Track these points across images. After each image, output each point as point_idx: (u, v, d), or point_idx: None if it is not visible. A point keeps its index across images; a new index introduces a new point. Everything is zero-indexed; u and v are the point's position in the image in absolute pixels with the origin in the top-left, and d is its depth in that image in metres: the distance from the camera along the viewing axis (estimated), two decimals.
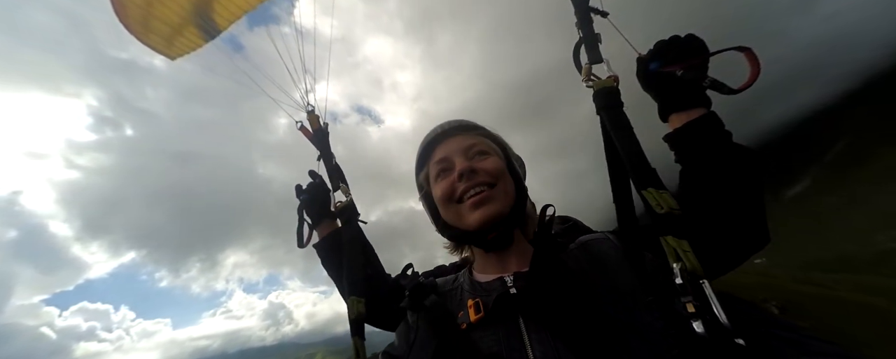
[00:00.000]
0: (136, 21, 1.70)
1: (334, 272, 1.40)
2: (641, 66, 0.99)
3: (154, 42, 1.78)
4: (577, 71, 1.03)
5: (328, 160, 1.50)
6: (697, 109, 0.91)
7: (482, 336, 0.84)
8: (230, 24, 1.85)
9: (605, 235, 0.99)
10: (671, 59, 0.93)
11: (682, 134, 0.92)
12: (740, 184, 0.85)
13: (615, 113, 0.93)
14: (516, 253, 1.00)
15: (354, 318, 1.13)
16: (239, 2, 1.79)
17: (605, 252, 0.93)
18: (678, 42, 0.94)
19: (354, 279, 1.22)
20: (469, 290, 0.99)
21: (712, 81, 0.89)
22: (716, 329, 0.65)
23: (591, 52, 1.01)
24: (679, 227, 0.77)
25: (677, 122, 0.93)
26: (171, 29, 1.76)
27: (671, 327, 0.72)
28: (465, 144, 1.06)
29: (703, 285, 0.69)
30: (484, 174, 0.99)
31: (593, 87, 0.98)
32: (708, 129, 0.89)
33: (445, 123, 1.15)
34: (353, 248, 1.30)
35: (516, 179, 1.05)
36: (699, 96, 0.92)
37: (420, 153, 1.16)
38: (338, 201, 1.44)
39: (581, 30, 1.03)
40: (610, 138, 0.93)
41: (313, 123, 1.58)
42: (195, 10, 1.74)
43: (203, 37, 1.82)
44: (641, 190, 0.83)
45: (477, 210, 0.97)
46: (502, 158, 1.07)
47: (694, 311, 0.67)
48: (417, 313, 0.98)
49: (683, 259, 0.73)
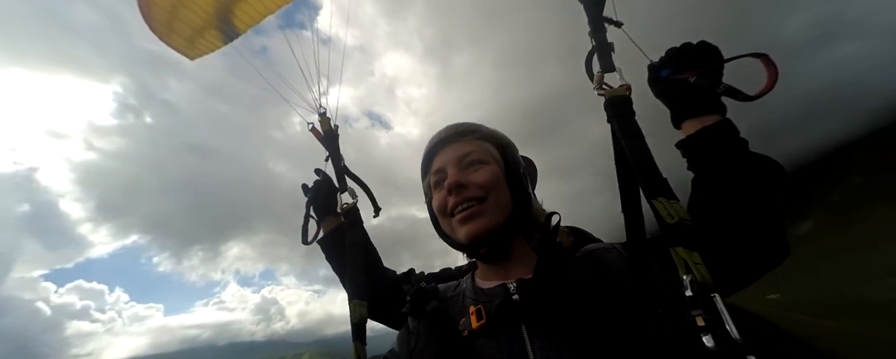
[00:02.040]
0: (160, 23, 1.77)
1: (338, 268, 1.40)
2: (653, 72, 0.97)
3: (176, 43, 1.84)
4: (589, 79, 1.02)
5: (336, 161, 1.52)
6: (712, 116, 0.89)
7: (484, 343, 0.83)
8: (249, 28, 1.91)
9: (612, 245, 0.97)
10: (683, 65, 0.92)
11: (695, 140, 0.90)
12: (756, 193, 0.82)
13: (626, 121, 0.91)
14: (520, 260, 0.99)
15: (357, 322, 1.12)
16: (258, 6, 1.84)
17: (611, 262, 0.91)
18: (690, 49, 0.92)
19: (357, 282, 1.22)
20: (471, 296, 0.98)
21: (727, 88, 0.87)
22: (727, 344, 0.63)
23: (604, 60, 1.00)
24: (690, 238, 0.75)
25: (690, 128, 0.91)
26: (193, 31, 1.83)
27: (680, 341, 0.70)
28: (461, 152, 1.04)
29: (714, 298, 0.67)
30: (474, 188, 0.97)
31: (605, 95, 0.97)
32: (722, 135, 0.87)
33: (445, 128, 1.13)
34: (356, 250, 1.30)
35: (515, 187, 1.02)
36: (713, 103, 0.90)
37: (423, 161, 1.16)
38: (344, 203, 1.45)
39: (594, 38, 1.02)
40: (620, 147, 0.92)
41: (324, 125, 1.61)
42: (217, 13, 1.81)
43: (222, 39, 1.88)
44: (652, 199, 0.81)
45: (464, 226, 0.96)
46: (500, 165, 1.04)
47: (704, 325, 0.66)
48: (418, 318, 0.97)
49: (694, 271, 0.71)
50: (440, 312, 0.94)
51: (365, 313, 1.14)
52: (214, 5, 1.78)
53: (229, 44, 1.90)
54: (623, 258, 0.90)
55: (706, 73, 0.89)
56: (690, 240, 0.75)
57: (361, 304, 1.15)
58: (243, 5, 1.83)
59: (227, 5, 1.81)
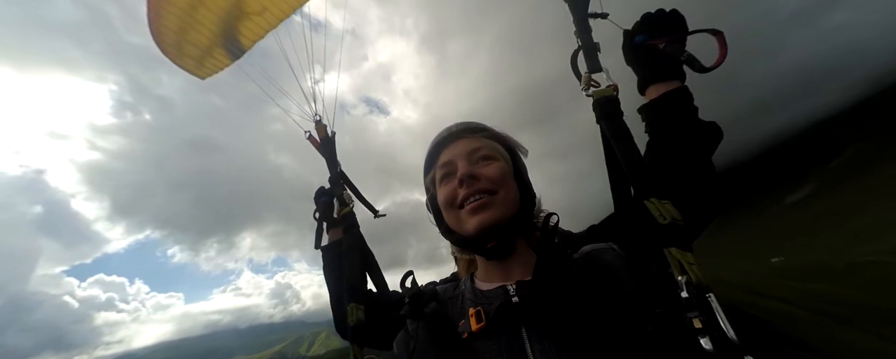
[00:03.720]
0: (170, 46, 1.85)
1: (332, 280, 1.40)
2: (628, 38, 1.02)
3: (186, 64, 1.92)
4: (577, 78, 1.03)
5: (332, 168, 1.55)
6: (674, 82, 0.97)
7: (484, 346, 0.83)
8: (253, 44, 1.98)
9: (609, 246, 0.96)
10: (657, 32, 0.98)
11: (658, 104, 0.97)
12: (705, 153, 0.91)
13: (615, 122, 0.92)
14: (519, 261, 0.98)
15: (354, 324, 1.13)
16: (262, 23, 1.92)
17: (609, 262, 0.90)
18: (663, 16, 0.99)
19: (354, 285, 1.23)
20: (470, 298, 0.97)
21: (689, 57, 0.94)
22: (724, 346, 0.63)
23: (591, 60, 1.01)
24: (683, 238, 0.75)
25: (654, 93, 0.98)
26: (201, 51, 1.90)
27: (678, 342, 0.70)
28: (471, 147, 1.04)
29: (709, 299, 0.68)
30: (485, 181, 0.97)
31: (593, 96, 0.98)
32: (683, 100, 0.95)
33: (453, 124, 1.13)
34: (352, 254, 1.32)
35: (523, 186, 1.02)
36: (676, 70, 0.97)
37: (427, 156, 1.15)
38: (340, 208, 1.48)
39: (580, 38, 1.03)
40: (610, 148, 0.92)
41: (320, 132, 1.64)
42: (222, 33, 1.88)
43: (230, 57, 1.96)
44: (643, 200, 0.81)
45: (474, 216, 0.95)
46: (509, 163, 1.05)
47: (701, 326, 0.66)
48: (417, 320, 0.96)
49: (689, 272, 0.72)
50: (439, 313, 0.94)
51: (362, 316, 1.15)
52: (220, 25, 1.86)
53: (236, 61, 1.98)
54: (620, 258, 0.90)
55: (674, 41, 0.96)
56: (684, 240, 0.75)
57: (358, 307, 1.16)
58: (247, 23, 1.90)
59: (231, 24, 1.89)
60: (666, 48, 0.97)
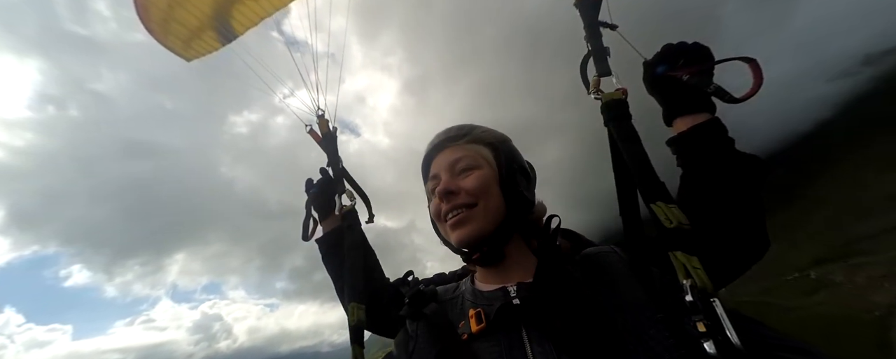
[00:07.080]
0: (156, 23, 1.76)
1: (334, 271, 1.40)
2: (648, 69, 1.00)
3: (172, 43, 1.83)
4: (584, 85, 1.03)
5: (335, 164, 1.53)
6: (702, 114, 0.92)
7: (484, 347, 0.82)
8: (247, 30, 1.91)
9: (611, 248, 0.96)
10: (678, 63, 0.95)
11: (687, 138, 0.92)
12: (743, 190, 0.86)
13: (623, 125, 0.93)
14: (519, 263, 0.98)
15: (354, 325, 1.11)
16: (256, 8, 1.85)
17: (611, 265, 0.90)
18: (684, 47, 0.96)
19: (355, 285, 1.21)
20: (471, 299, 0.97)
21: (717, 88, 0.90)
22: (727, 351, 0.63)
23: (600, 64, 1.01)
24: (689, 242, 0.75)
25: (682, 126, 0.94)
26: (190, 32, 1.82)
27: (681, 346, 0.70)
28: (452, 158, 1.04)
29: (714, 303, 0.68)
30: (464, 194, 0.97)
31: (601, 99, 0.98)
32: (713, 134, 0.90)
33: (438, 134, 1.13)
34: (354, 252, 1.30)
35: (509, 191, 1.00)
36: (704, 102, 0.93)
37: (422, 166, 1.17)
38: (343, 205, 1.46)
39: (590, 43, 1.04)
40: (617, 151, 0.92)
41: (323, 127, 1.61)
42: (214, 14, 1.80)
43: (220, 40, 1.87)
44: (650, 203, 0.82)
45: (454, 232, 0.97)
46: (492, 169, 1.02)
47: (705, 331, 0.66)
48: (417, 321, 0.96)
49: (694, 276, 0.72)
50: (439, 314, 0.93)
51: (363, 316, 1.14)
52: (212, 6, 1.78)
53: (225, 46, 1.89)
54: (622, 261, 0.90)
55: (698, 72, 0.92)
56: (690, 244, 0.75)
57: (360, 307, 1.15)
58: (241, 7, 1.83)
59: (224, 7, 1.81)
60: (690, 79, 0.92)
